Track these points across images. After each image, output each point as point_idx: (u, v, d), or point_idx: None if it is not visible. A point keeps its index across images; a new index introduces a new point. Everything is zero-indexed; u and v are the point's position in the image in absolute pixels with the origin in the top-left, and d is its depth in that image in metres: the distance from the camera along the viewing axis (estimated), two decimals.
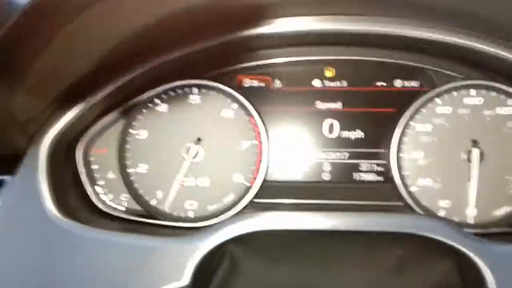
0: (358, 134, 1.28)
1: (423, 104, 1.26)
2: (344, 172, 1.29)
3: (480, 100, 1.25)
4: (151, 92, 1.25)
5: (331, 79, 1.29)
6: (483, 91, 1.25)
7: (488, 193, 1.24)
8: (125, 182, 1.27)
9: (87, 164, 1.26)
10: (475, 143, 1.24)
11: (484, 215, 1.24)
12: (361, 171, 1.28)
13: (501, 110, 1.25)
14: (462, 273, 1.07)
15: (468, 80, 1.25)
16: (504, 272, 1.00)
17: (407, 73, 1.28)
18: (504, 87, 1.23)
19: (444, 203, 1.25)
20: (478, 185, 1.22)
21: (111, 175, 1.28)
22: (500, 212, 1.24)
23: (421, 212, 1.24)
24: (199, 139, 1.26)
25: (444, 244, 1.03)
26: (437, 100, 1.26)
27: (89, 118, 1.19)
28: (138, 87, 1.22)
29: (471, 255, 1.01)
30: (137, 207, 1.27)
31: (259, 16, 1.14)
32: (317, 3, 1.13)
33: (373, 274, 1.08)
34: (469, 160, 1.23)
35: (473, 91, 1.25)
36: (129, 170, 1.27)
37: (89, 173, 1.26)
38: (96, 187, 1.27)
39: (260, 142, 1.27)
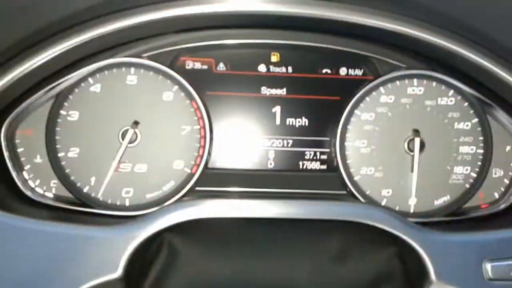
0: (302, 121, 1.26)
1: (367, 93, 1.25)
2: (289, 160, 1.26)
3: (421, 90, 1.26)
4: (84, 70, 1.16)
5: (276, 64, 1.26)
6: (425, 81, 1.26)
7: (428, 183, 1.25)
8: (55, 167, 1.18)
9: (11, 146, 1.15)
10: (416, 132, 1.24)
11: (424, 205, 1.25)
12: (305, 159, 1.26)
13: (442, 101, 1.26)
14: (403, 260, 1.08)
15: (411, 70, 1.25)
16: (443, 259, 1.01)
17: (352, 61, 1.27)
18: (445, 78, 1.24)
19: (386, 192, 1.25)
20: (418, 174, 1.23)
21: (38, 159, 1.18)
22: (440, 201, 1.26)
23: (364, 201, 1.24)
24: (136, 122, 1.19)
25: (385, 232, 1.03)
26: (381, 89, 1.26)
27: (13, 95, 1.09)
28: (68, 64, 1.12)
29: (412, 243, 1.01)
30: (68, 194, 1.19)
31: None
32: None
33: (316, 262, 1.06)
34: (409, 149, 1.24)
35: (415, 81, 1.26)
36: (59, 154, 1.18)
37: (14, 156, 1.16)
38: (21, 171, 1.17)
39: (203, 128, 1.21)
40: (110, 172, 1.17)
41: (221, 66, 1.24)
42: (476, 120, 1.26)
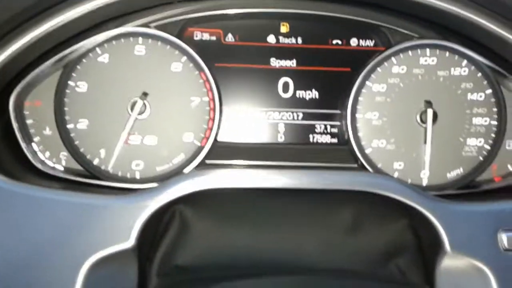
0: (312, 94, 1.24)
1: (379, 63, 1.23)
2: (299, 134, 1.25)
3: (434, 60, 1.24)
4: (92, 40, 1.14)
5: (286, 35, 1.24)
6: (438, 51, 1.23)
7: (440, 155, 1.23)
8: (64, 138, 1.17)
9: (20, 118, 1.14)
10: (428, 103, 1.22)
11: (436, 178, 1.24)
12: (316, 133, 1.25)
13: (455, 71, 1.24)
14: (417, 232, 1.07)
15: (423, 40, 1.23)
16: (458, 229, 1.00)
17: (363, 31, 1.24)
18: (459, 48, 1.22)
19: (398, 165, 1.23)
20: (431, 147, 1.21)
21: (47, 131, 1.17)
22: (453, 174, 1.24)
23: None
24: (145, 94, 1.17)
25: (399, 203, 1.02)
26: (393, 59, 1.23)
27: (21, 65, 1.07)
28: (75, 33, 1.10)
29: (426, 213, 1.00)
30: (78, 167, 1.18)
31: None
32: None
33: (328, 234, 1.06)
34: (422, 121, 1.22)
35: (428, 51, 1.23)
36: (68, 126, 1.16)
37: (23, 128, 1.14)
38: (31, 143, 1.15)
39: (212, 100, 1.20)
40: (120, 144, 1.15)
41: (230, 37, 1.22)
42: (490, 91, 1.24)
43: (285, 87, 1.24)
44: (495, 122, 1.24)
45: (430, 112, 1.21)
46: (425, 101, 1.23)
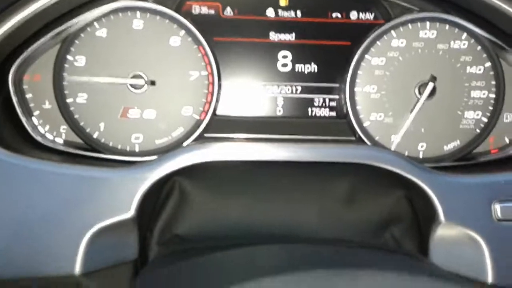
0: (311, 67, 1.24)
1: (378, 37, 1.23)
2: (298, 107, 1.25)
3: (433, 33, 1.23)
4: (90, 14, 1.14)
5: (285, 8, 1.23)
6: (438, 24, 1.23)
7: (438, 128, 1.24)
8: (64, 112, 1.17)
9: (19, 92, 1.14)
10: (433, 78, 1.22)
11: (434, 150, 1.25)
12: (314, 106, 1.25)
13: (455, 44, 1.24)
14: (412, 202, 1.08)
15: (423, 13, 1.22)
16: (452, 200, 1.01)
17: (363, 4, 1.24)
18: (458, 20, 1.21)
19: (395, 138, 1.24)
20: (428, 119, 1.22)
21: (47, 105, 1.17)
22: (450, 146, 1.25)
23: None
24: (153, 82, 1.18)
25: (394, 175, 1.03)
26: (393, 32, 1.23)
27: (19, 40, 1.07)
28: (74, 7, 1.10)
29: (421, 184, 1.01)
30: (78, 140, 1.19)
31: None
32: None
33: (324, 204, 1.07)
34: (420, 93, 1.22)
35: (428, 24, 1.23)
36: (68, 100, 1.17)
37: (23, 102, 1.15)
38: (31, 117, 1.16)
39: (211, 74, 1.20)
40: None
41: (229, 11, 1.22)
42: (489, 64, 1.24)
43: (284, 61, 1.24)
44: (493, 95, 1.24)
45: (430, 85, 1.21)
46: (431, 75, 1.22)
